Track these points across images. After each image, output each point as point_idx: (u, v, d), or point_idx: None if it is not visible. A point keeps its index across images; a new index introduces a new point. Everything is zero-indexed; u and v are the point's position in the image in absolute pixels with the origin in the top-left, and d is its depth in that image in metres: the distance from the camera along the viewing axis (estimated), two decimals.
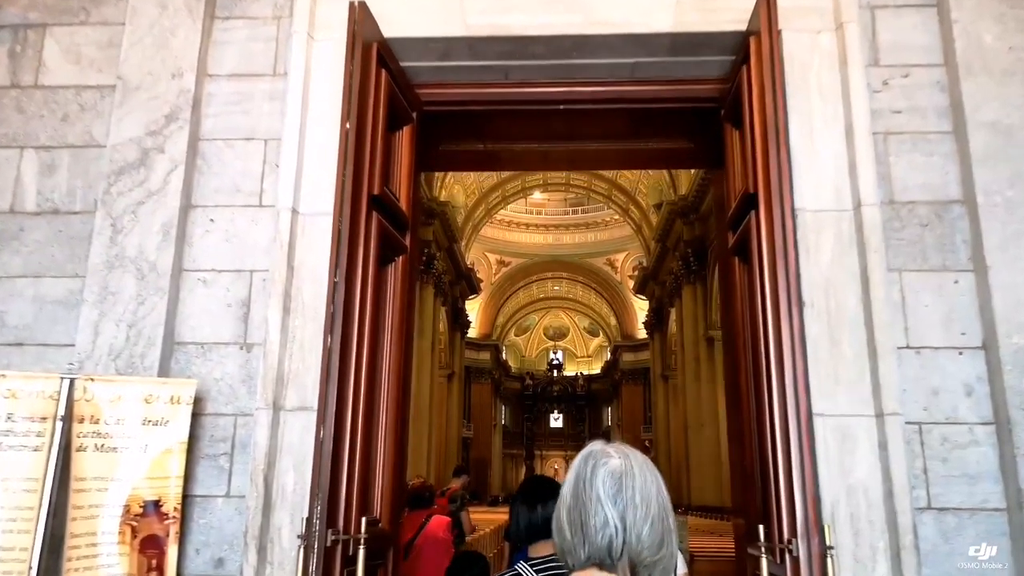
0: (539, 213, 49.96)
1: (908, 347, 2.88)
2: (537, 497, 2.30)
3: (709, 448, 25.05)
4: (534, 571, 2.03)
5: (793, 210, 2.72)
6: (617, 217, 45.60)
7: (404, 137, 3.19)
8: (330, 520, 2.31)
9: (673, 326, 32.36)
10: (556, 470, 55.81)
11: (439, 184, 29.69)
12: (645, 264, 37.74)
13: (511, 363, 56.45)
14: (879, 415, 2.67)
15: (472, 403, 48.16)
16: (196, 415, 2.95)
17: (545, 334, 58.82)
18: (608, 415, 54.81)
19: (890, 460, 2.59)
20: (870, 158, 2.90)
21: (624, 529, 1.24)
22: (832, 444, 2.64)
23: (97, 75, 3.32)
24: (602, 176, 36.54)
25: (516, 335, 57.59)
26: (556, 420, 57.01)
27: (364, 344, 2.64)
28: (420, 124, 3.38)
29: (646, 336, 42.96)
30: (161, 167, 3.11)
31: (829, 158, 2.93)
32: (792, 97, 2.95)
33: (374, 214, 2.80)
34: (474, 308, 47.05)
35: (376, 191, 2.78)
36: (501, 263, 49.11)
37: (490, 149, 3.96)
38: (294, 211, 2.92)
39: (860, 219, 2.84)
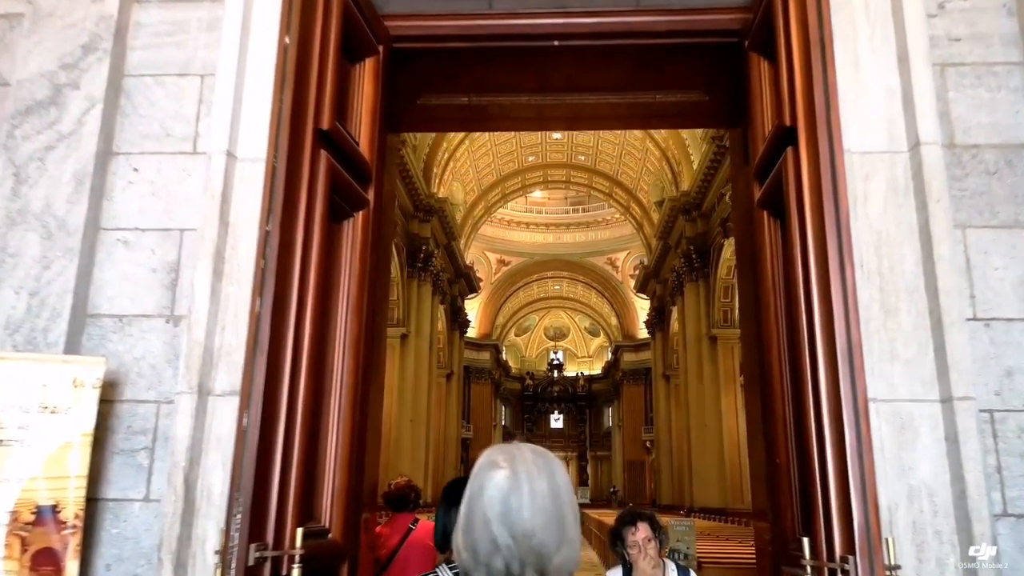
0: (539, 212, 49.49)
1: (975, 319, 2.35)
2: (456, 500, 1.97)
3: (712, 448, 24.55)
4: (452, 574, 1.78)
5: (841, 148, 2.18)
6: (618, 216, 45.09)
7: (367, 72, 2.66)
8: (255, 531, 1.81)
9: (675, 325, 31.84)
10: None
11: (437, 181, 29.19)
12: (646, 263, 37.24)
13: (511, 364, 55.96)
14: (946, 400, 2.14)
15: (472, 403, 47.67)
16: (110, 402, 2.43)
17: (545, 334, 58.33)
18: (609, 415, 54.26)
19: (962, 455, 2.06)
20: (929, 88, 2.37)
21: (517, 547, 1.21)
22: (888, 436, 2.11)
23: (5, 2, 2.81)
24: (603, 173, 36.03)
25: (516, 335, 57.10)
26: (556, 421, 56.48)
27: (307, 312, 2.11)
28: (390, 64, 2.86)
29: (647, 336, 42.43)
30: (75, 106, 2.59)
31: (879, 91, 2.40)
32: (834, 18, 2.42)
33: (322, 153, 2.27)
34: (474, 308, 46.57)
35: (325, 125, 2.25)
36: (501, 262, 48.64)
37: (475, 103, 3.44)
38: (230, 155, 2.39)
39: (918, 162, 2.31)
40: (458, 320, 37.28)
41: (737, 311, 25.13)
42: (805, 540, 1.87)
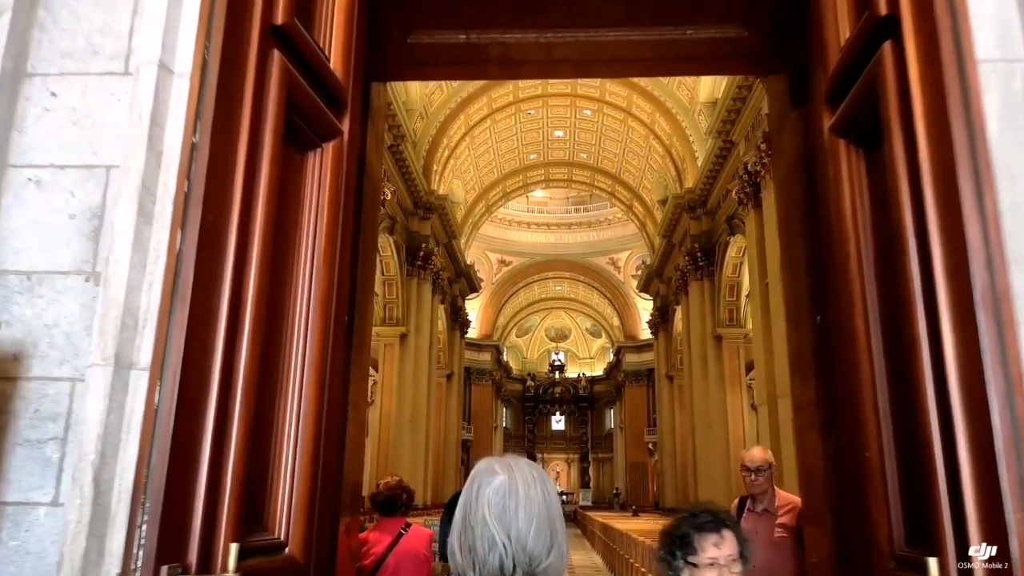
0: (541, 212, 49.07)
1: None
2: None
3: (718, 449, 24.03)
4: None
5: (969, 34, 1.65)
6: (620, 216, 44.65)
7: None
8: (170, 548, 1.31)
9: (679, 325, 31.34)
10: (558, 473, 54.80)
11: (437, 178, 28.73)
12: (648, 262, 36.77)
13: (512, 365, 55.50)
14: None
15: (472, 405, 47.22)
16: (13, 380, 1.93)
17: (547, 335, 57.87)
18: (611, 417, 53.77)
19: None
20: None
21: (512, 547, 1.27)
22: None
23: None
24: (605, 171, 35.55)
25: (517, 336, 56.64)
26: (558, 422, 55.97)
27: (251, 256, 1.59)
28: None
29: (649, 336, 41.96)
30: None
31: None
32: None
33: (275, 53, 1.74)
34: (474, 308, 46.12)
35: (279, 19, 1.74)
36: (502, 262, 48.21)
37: (475, 42, 2.94)
38: (163, 66, 1.86)
39: None
40: (458, 320, 36.77)
41: (742, 311, 24.67)
42: (933, 561, 1.35)
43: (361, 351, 2.80)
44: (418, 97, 25.45)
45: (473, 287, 39.06)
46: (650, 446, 45.06)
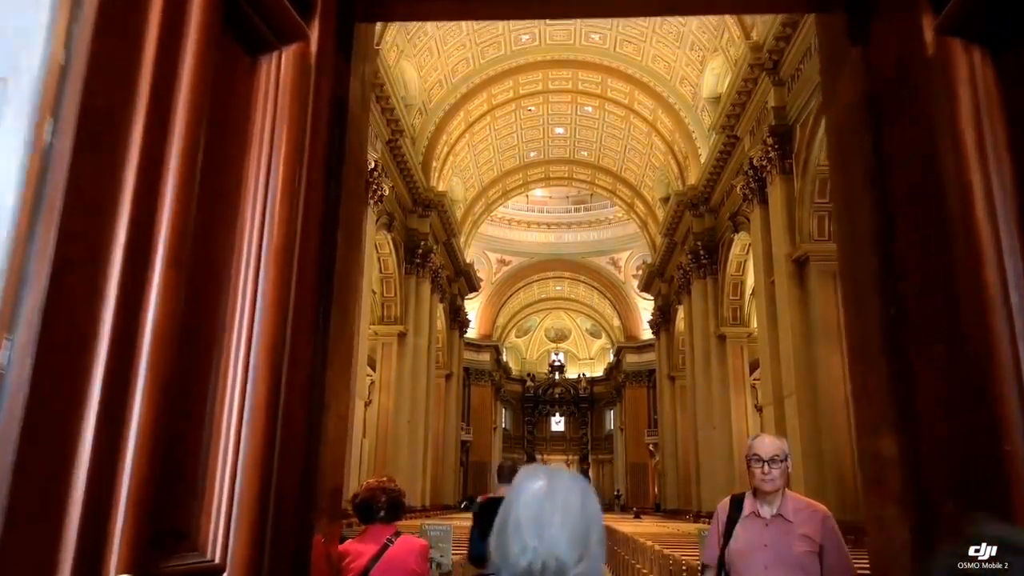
0: (541, 211, 48.67)
1: None
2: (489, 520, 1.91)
3: (721, 450, 23.59)
4: None
5: None
6: (620, 215, 44.25)
7: None
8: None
9: (681, 324, 30.93)
10: None
11: (437, 175, 28.30)
12: (650, 261, 36.33)
13: (512, 365, 55.03)
14: None
15: (472, 405, 46.75)
16: None
17: (546, 336, 57.42)
18: (611, 418, 53.31)
19: None
20: None
21: (542, 550, 1.28)
22: None
23: None
24: (606, 169, 35.13)
25: (517, 336, 56.18)
26: (558, 424, 55.49)
27: (167, 173, 1.15)
28: None
29: (650, 337, 41.53)
30: None
31: None
32: None
33: None
34: (474, 308, 45.69)
35: None
36: (502, 262, 47.78)
37: None
38: None
39: None
40: (458, 319, 36.31)
41: (746, 309, 24.24)
42: None
43: (344, 329, 2.34)
44: (417, 92, 25.03)
45: (472, 286, 38.61)
46: (651, 447, 44.62)
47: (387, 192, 20.52)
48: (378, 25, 20.01)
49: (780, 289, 17.08)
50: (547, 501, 1.30)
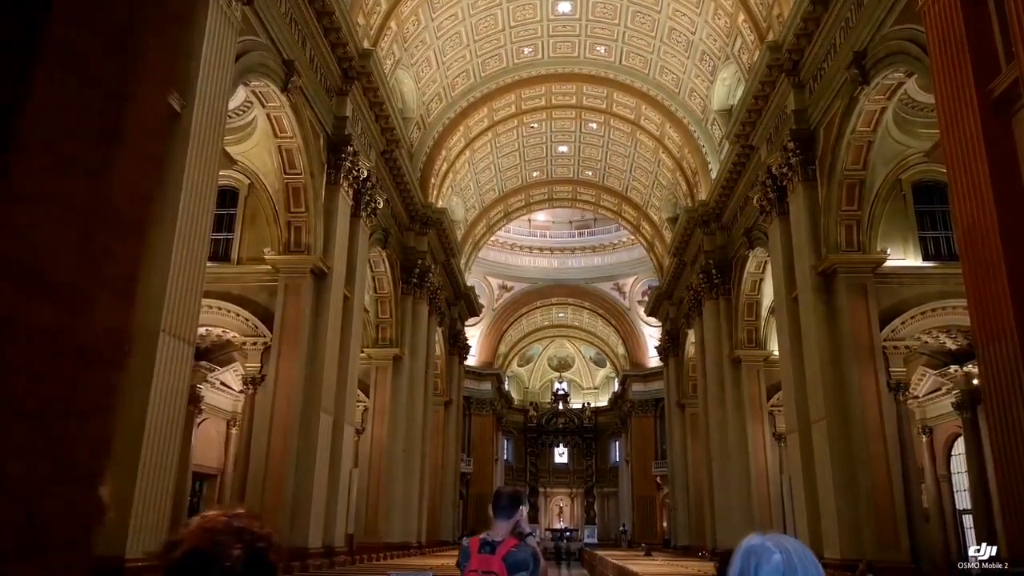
0: (543, 235, 47.63)
1: None
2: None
3: (737, 482, 22.03)
4: None
5: None
6: (625, 240, 43.16)
7: None
8: None
9: (691, 349, 29.51)
10: (561, 508, 52.37)
11: (435, 192, 27.15)
12: (657, 285, 35.05)
13: (514, 395, 53.48)
14: None
15: (472, 435, 45.15)
16: None
17: (549, 364, 55.95)
18: (616, 449, 51.54)
19: None
20: None
21: None
22: None
23: None
24: (611, 189, 34.04)
25: (519, 365, 54.71)
26: (561, 455, 53.70)
27: None
28: None
29: (656, 365, 40.13)
30: None
31: None
32: None
33: None
34: (475, 336, 44.37)
35: None
36: (503, 288, 46.60)
37: None
38: None
39: None
40: (457, 344, 34.89)
41: (762, 331, 22.83)
42: None
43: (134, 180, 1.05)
44: (415, 105, 24.00)
45: (473, 310, 37.30)
46: (658, 479, 42.85)
47: (381, 205, 19.32)
48: (372, 28, 19.02)
49: (804, 305, 15.75)
50: (792, 571, 1.43)
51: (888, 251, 15.19)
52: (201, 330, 17.66)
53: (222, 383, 20.19)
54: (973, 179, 8.78)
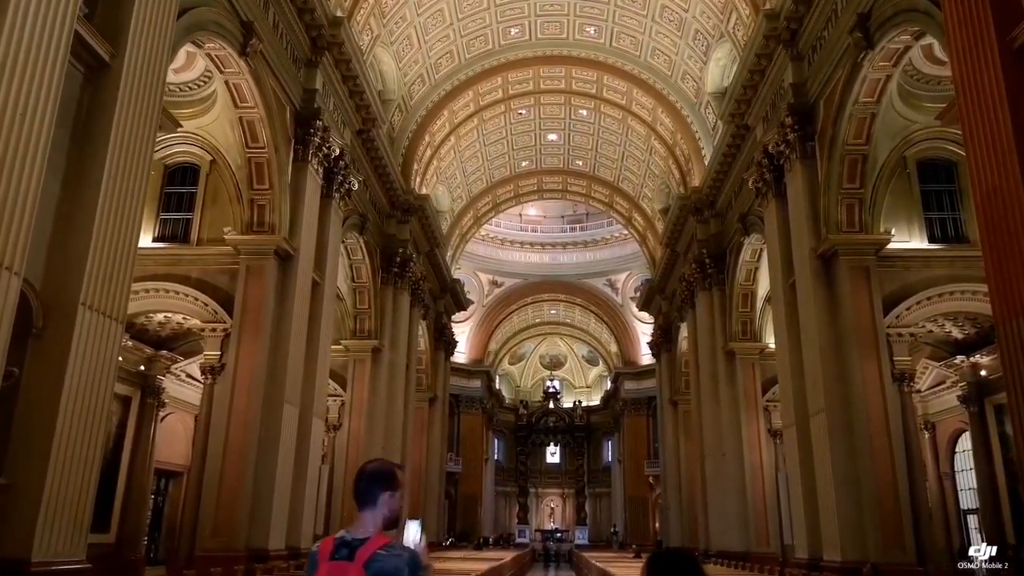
0: (534, 230, 46.55)
1: None
2: None
3: (732, 481, 20.97)
4: None
5: None
6: (617, 235, 42.13)
7: None
8: None
9: (684, 344, 28.48)
10: (552, 509, 51.29)
11: (419, 179, 26.06)
12: (649, 278, 34.05)
13: (505, 393, 52.41)
14: None
15: (461, 435, 44.04)
16: None
17: (541, 362, 54.92)
18: (608, 448, 50.51)
19: None
20: None
21: None
22: None
23: None
24: (603, 180, 33.00)
25: (510, 363, 53.65)
26: (553, 455, 52.66)
27: None
28: None
29: (649, 363, 39.08)
30: None
31: None
32: None
33: None
34: (464, 332, 43.31)
35: None
36: (493, 283, 45.51)
37: None
38: None
39: None
40: (443, 339, 33.80)
41: (758, 322, 21.81)
42: None
43: None
44: (396, 86, 22.90)
45: (460, 305, 36.20)
46: (651, 480, 41.81)
47: (356, 187, 18.24)
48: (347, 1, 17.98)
49: (803, 290, 14.73)
50: None
51: (892, 232, 14.17)
52: (159, 316, 16.57)
53: (188, 375, 19.08)
54: (993, 138, 7.77)
